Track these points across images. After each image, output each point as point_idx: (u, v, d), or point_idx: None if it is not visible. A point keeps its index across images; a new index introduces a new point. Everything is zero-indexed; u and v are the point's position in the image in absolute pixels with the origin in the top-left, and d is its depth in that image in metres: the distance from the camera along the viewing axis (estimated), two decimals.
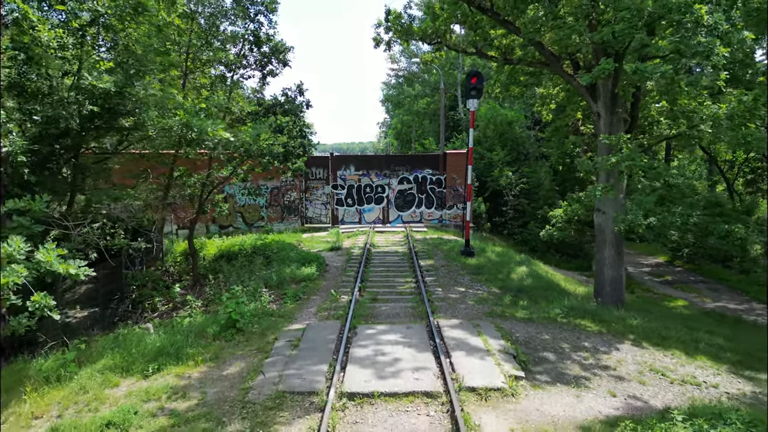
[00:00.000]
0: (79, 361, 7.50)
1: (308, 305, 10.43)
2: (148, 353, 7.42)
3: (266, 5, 14.37)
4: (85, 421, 5.69)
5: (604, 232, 12.47)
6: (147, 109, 9.39)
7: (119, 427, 5.53)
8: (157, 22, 9.57)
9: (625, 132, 12.19)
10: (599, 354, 7.93)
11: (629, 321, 9.68)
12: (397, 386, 6.20)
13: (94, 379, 6.78)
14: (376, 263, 14.31)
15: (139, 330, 8.89)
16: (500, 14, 12.93)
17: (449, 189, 21.55)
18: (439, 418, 5.62)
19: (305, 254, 14.82)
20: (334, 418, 5.52)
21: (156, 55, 9.83)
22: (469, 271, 13.66)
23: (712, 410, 5.60)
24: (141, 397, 6.24)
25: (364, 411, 5.76)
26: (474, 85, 14.82)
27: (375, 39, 16.52)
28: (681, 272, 22.41)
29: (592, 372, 7.24)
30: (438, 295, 10.99)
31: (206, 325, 8.78)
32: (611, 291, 12.52)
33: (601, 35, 9.87)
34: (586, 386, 6.75)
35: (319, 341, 7.85)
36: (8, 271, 5.96)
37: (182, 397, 6.24)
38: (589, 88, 12.12)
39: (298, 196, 21.21)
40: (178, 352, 7.49)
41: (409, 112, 37.69)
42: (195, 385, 6.59)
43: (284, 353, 7.45)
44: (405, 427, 5.42)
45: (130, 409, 5.81)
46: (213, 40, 14.04)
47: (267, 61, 14.41)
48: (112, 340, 8.15)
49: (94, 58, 9.47)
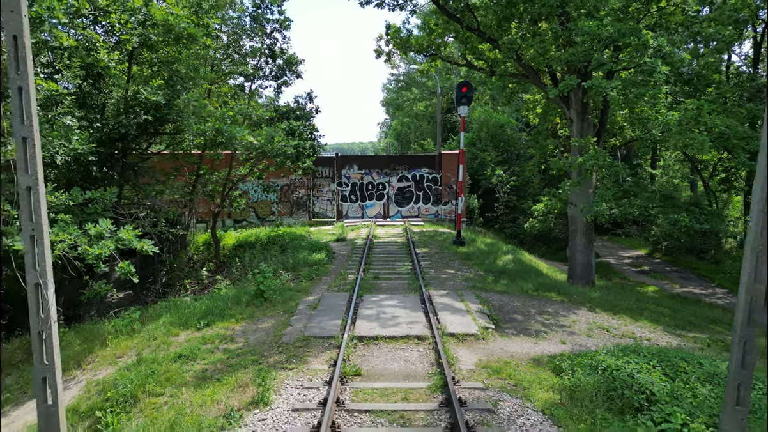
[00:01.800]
0: (141, 320, 9.41)
1: (320, 283, 12.33)
2: (197, 313, 9.33)
3: (281, 23, 16.29)
4: (161, 355, 7.58)
5: (576, 223, 14.36)
6: (188, 117, 11.29)
7: (188, 358, 7.42)
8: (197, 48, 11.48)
9: (595, 135, 14.10)
10: (558, 316, 9.82)
11: (589, 294, 11.58)
12: (395, 332, 8.10)
13: (158, 330, 8.69)
14: (378, 251, 16.20)
15: (185, 299, 10.79)
16: (485, 33, 14.82)
17: (444, 186, 23.44)
18: (426, 351, 7.51)
19: (315, 243, 16.71)
20: (348, 351, 7.41)
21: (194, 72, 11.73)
22: (460, 257, 15.55)
23: (632, 348, 7.49)
24: (198, 341, 8.13)
25: (370, 348, 7.66)
26: (464, 93, 16.69)
27: (376, 51, 18.44)
28: (658, 263, 24.28)
29: (550, 328, 9.12)
30: (431, 275, 12.89)
31: (239, 295, 10.68)
32: (582, 273, 14.43)
33: (567, 55, 11.77)
34: (543, 337, 8.63)
35: (332, 305, 9.75)
36: (101, 244, 7.88)
37: (231, 341, 8.14)
38: (563, 98, 14.00)
39: (306, 193, 23.11)
40: (221, 312, 9.40)
41: (409, 115, 39.62)
42: (238, 334, 8.49)
43: (305, 313, 9.35)
44: (401, 357, 7.32)
45: (194, 348, 7.71)
46: (234, 54, 15.95)
47: (282, 73, 16.31)
48: (165, 306, 10.07)
49: (146, 76, 11.38)
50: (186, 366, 7.20)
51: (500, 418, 5.67)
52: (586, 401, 5.91)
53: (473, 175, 26.44)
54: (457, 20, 14.98)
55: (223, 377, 6.72)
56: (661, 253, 25.89)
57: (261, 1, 15.99)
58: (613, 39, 11.20)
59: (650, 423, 5.40)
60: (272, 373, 6.63)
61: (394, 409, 5.80)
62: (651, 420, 5.47)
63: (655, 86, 10.53)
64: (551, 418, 5.72)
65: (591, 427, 5.39)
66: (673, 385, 6.39)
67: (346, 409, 5.80)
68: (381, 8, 15.85)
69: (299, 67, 16.56)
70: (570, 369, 6.84)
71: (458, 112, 17.33)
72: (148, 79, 11.87)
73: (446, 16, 15.23)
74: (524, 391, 6.36)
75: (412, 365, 7.05)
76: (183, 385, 6.61)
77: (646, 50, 10.83)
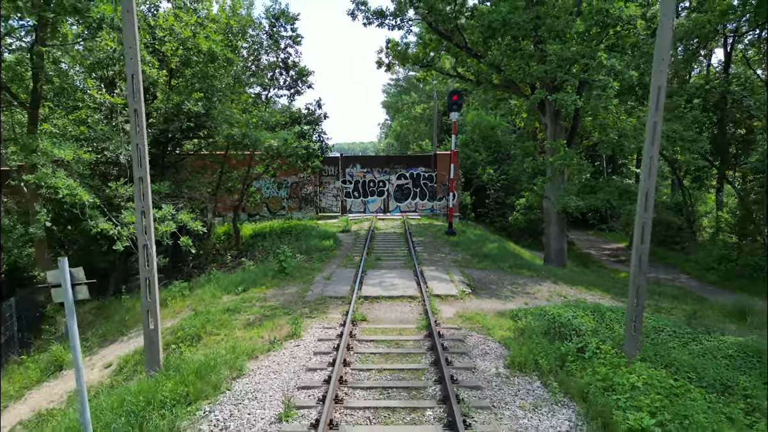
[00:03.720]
0: (190, 288, 11.68)
1: (331, 263, 14.59)
2: (234, 282, 11.61)
3: (293, 39, 18.55)
4: (212, 310, 9.85)
5: (550, 214, 16.64)
6: (220, 123, 13.56)
7: (234, 311, 9.69)
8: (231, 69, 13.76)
9: (567, 138, 16.37)
10: (526, 286, 12.09)
11: (556, 271, 13.84)
12: (393, 293, 10.38)
13: (205, 294, 10.96)
14: (379, 239, 18.46)
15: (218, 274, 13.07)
16: (473, 49, 17.08)
17: (439, 184, 25.72)
18: (416, 306, 9.79)
19: (324, 233, 18.98)
20: (356, 306, 9.68)
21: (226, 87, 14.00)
22: (450, 244, 17.80)
23: (574, 304, 9.75)
24: (239, 301, 10.40)
25: (373, 304, 9.93)
26: (455, 101, 18.93)
27: (378, 62, 20.75)
28: None
29: (517, 294, 11.39)
30: (424, 257, 15.15)
31: (265, 271, 12.95)
32: (556, 257, 16.71)
33: (538, 71, 14.04)
34: (510, 299, 10.90)
35: (342, 277, 12.02)
36: (167, 223, 10.16)
37: (264, 300, 10.41)
38: (539, 106, 16.26)
39: (313, 190, 25.39)
40: (253, 282, 11.67)
41: (407, 117, 41.92)
42: (270, 296, 10.76)
43: (321, 283, 11.62)
44: (397, 310, 9.59)
45: (237, 305, 9.99)
46: (253, 66, 18.22)
47: (294, 83, 18.57)
48: (205, 278, 12.34)
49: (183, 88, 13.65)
50: (233, 316, 9.48)
51: (467, 345, 7.94)
52: (531, 335, 8.17)
53: (466, 173, 28.70)
54: (448, 38, 17.25)
55: (263, 323, 8.99)
56: None
57: (276, 20, 18.25)
58: (574, 59, 13.46)
59: (571, 345, 7.67)
60: (300, 320, 8.91)
61: (391, 339, 8.07)
62: (573, 344, 7.74)
63: (607, 99, 12.78)
64: (504, 345, 7.99)
65: (529, 348, 7.64)
66: (596, 325, 8.68)
67: (357, 339, 8.07)
68: (381, 27, 18.12)
69: (309, 78, 18.81)
70: (523, 317, 9.12)
71: (450, 117, 19.59)
72: (183, 90, 14.10)
73: (438, 34, 17.49)
74: (487, 330, 8.63)
75: (405, 314, 9.34)
76: (234, 328, 8.89)
77: (600, 69, 13.10)
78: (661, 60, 6.77)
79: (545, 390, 6.58)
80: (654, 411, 5.85)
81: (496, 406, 6.08)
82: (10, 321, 11.17)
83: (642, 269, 7.66)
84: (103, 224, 9.93)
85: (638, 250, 7.57)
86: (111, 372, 8.55)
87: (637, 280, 7.66)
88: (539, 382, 6.81)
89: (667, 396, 6.34)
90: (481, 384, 6.59)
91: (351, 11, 17.62)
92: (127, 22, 6.94)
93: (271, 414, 5.85)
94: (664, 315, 10.53)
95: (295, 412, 5.83)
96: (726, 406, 6.47)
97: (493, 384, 6.66)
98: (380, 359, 7.34)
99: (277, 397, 6.24)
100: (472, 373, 6.95)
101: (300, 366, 7.14)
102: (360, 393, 6.31)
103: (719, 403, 6.56)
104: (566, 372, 6.97)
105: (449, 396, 5.88)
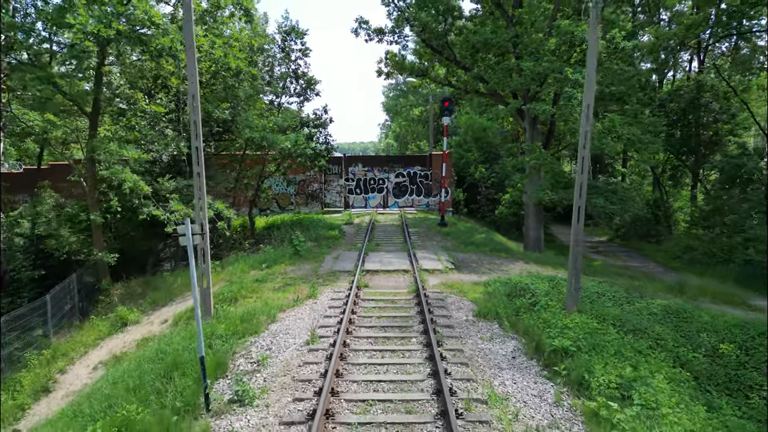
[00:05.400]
0: (221, 265, 14.03)
1: (337, 248, 16.93)
2: (258, 261, 13.96)
3: (302, 51, 20.86)
4: (244, 280, 12.20)
5: (528, 207, 18.99)
6: (243, 128, 15.89)
7: (262, 281, 12.04)
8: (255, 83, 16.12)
9: (545, 141, 18.70)
10: (502, 265, 14.43)
11: (529, 254, 16.18)
12: (389, 268, 12.73)
13: (235, 270, 13.32)
14: (379, 230, 20.81)
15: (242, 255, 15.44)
16: (461, 62, 19.42)
17: (434, 181, 28.06)
18: (408, 277, 12.14)
19: (329, 224, 21.33)
20: (360, 277, 12.03)
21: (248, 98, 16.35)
22: (442, 234, 20.14)
23: (535, 275, 12.08)
24: (265, 274, 12.75)
25: (373, 276, 12.29)
26: (447, 107, 21.26)
27: (378, 71, 23.07)
28: (614, 246, 28.87)
29: (494, 270, 13.72)
30: (417, 244, 17.49)
31: (282, 253, 15.31)
32: (533, 245, 19.05)
33: (515, 84, 16.36)
34: (486, 274, 13.23)
35: (348, 257, 14.37)
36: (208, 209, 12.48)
37: (285, 274, 12.76)
38: (518, 112, 18.59)
39: (318, 187, 27.74)
40: (274, 261, 14.03)
41: (406, 119, 44.28)
42: (289, 271, 13.11)
43: (330, 261, 13.98)
44: (392, 279, 11.94)
45: (264, 276, 12.34)
46: (267, 76, 20.56)
47: (303, 92, 20.90)
48: (234, 258, 14.69)
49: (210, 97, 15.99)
50: (261, 285, 11.83)
51: (446, 302, 10.28)
52: (497, 295, 10.52)
53: (459, 172, 31.01)
54: (439, 52, 19.59)
55: (287, 288, 11.35)
56: (620, 238, 30.49)
57: (287, 35, 20.59)
58: (546, 73, 15.80)
59: (525, 300, 10.02)
60: (316, 286, 11.27)
61: (388, 298, 10.42)
62: (526, 300, 10.08)
63: (572, 108, 15.11)
64: (474, 303, 10.33)
65: (493, 304, 9.97)
66: (550, 289, 11.02)
67: (361, 299, 10.42)
68: (381, 43, 20.44)
69: (317, 86, 21.15)
70: (493, 284, 11.47)
71: (442, 122, 21.92)
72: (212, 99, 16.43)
73: (431, 49, 19.83)
74: (463, 293, 10.98)
75: (399, 282, 11.69)
76: (263, 292, 11.24)
77: (567, 82, 15.43)
78: (589, 84, 9.13)
79: (501, 329, 8.94)
80: (575, 340, 8.17)
81: (463, 337, 8.43)
82: (72, 293, 13.49)
83: (578, 242, 9.98)
84: (155, 211, 12.23)
85: (575, 228, 9.91)
86: (168, 325, 10.91)
87: (574, 251, 9.99)
88: (497, 324, 9.16)
89: (589, 333, 8.66)
90: (453, 325, 8.94)
91: (354, 29, 19.97)
92: (190, 56, 9.29)
93: (300, 341, 8.20)
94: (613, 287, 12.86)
95: (318, 339, 8.18)
96: (636, 342, 8.81)
97: (462, 325, 9.01)
98: (379, 310, 9.69)
99: (303, 333, 8.59)
100: (447, 319, 9.30)
101: (319, 315, 9.50)
102: (364, 329, 8.66)
103: (632, 340, 8.89)
104: (518, 319, 9.31)
105: (428, 329, 8.22)
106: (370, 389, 6.47)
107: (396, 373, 6.94)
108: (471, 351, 7.87)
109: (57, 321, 12.29)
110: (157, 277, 14.91)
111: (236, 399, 6.28)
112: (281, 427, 5.60)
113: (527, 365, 7.50)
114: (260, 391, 6.49)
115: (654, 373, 7.38)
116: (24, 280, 13.47)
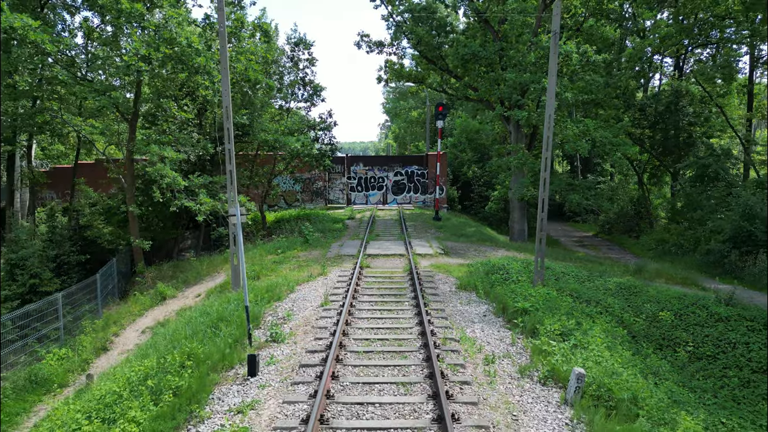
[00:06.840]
0: None
1: (342, 238, 19.04)
2: (274, 247, 16.06)
3: (309, 61, 22.96)
4: (263, 262, 14.30)
5: (513, 202, 21.08)
6: (258, 132, 17.97)
7: (279, 263, 14.14)
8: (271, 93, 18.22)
9: (529, 143, 20.78)
10: (486, 252, 16.53)
11: (511, 244, 18.28)
12: (388, 252, 14.85)
13: (255, 255, 15.42)
14: (379, 224, 22.91)
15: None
16: (453, 72, 21.51)
17: (430, 180, 30.16)
18: (403, 260, 14.25)
19: (334, 218, 23.44)
20: (362, 260, 14.13)
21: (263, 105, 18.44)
22: (435, 227, 22.25)
23: (512, 258, 14.18)
24: (281, 258, 14.85)
25: (374, 259, 14.39)
26: (441, 112, 23.37)
27: (378, 78, 25.17)
28: (598, 240, 30.97)
29: (478, 256, 15.81)
30: (413, 235, 19.61)
31: (293, 242, 17.41)
32: (518, 236, 21.15)
33: (499, 92, 18.45)
34: (471, 258, 15.32)
35: (352, 245, 16.48)
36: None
37: (298, 258, 14.87)
38: (504, 117, 20.67)
39: (322, 185, 29.85)
40: (288, 247, 16.14)
41: (405, 121, 46.40)
42: (301, 256, 15.21)
43: (336, 248, 16.08)
44: (390, 262, 14.04)
45: (280, 259, 14.45)
46: (277, 83, 22.65)
47: (310, 98, 23.00)
48: (251, 246, 16.79)
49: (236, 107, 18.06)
50: (279, 266, 13.94)
51: (434, 279, 12.38)
52: (476, 273, 12.61)
53: (454, 171, 33.11)
54: (434, 63, 21.70)
55: (301, 268, 13.45)
56: (604, 233, 32.59)
57: (296, 45, 22.68)
58: (527, 83, 17.89)
59: (499, 275, 12.12)
60: (326, 266, 13.37)
61: (386, 276, 12.53)
62: (500, 275, 12.18)
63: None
64: (457, 279, 12.43)
65: (472, 278, 12.05)
66: (522, 268, 13.12)
67: (363, 276, 12.53)
68: (380, 54, 22.53)
69: (322, 93, 23.25)
70: (474, 265, 13.56)
71: (437, 125, 24.02)
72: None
73: (426, 60, 21.93)
74: (449, 272, 13.07)
75: (395, 264, 13.80)
76: (281, 270, 13.33)
77: (544, 92, 17.49)
78: (550, 100, 11.24)
79: (477, 297, 11.04)
80: (534, 303, 10.26)
81: (445, 302, 10.54)
82: (113, 275, 15.59)
83: (543, 228, 12.05)
84: (187, 203, 14.31)
85: (540, 216, 11.99)
86: (201, 298, 13.01)
87: (539, 235, 12.06)
88: (474, 294, 11.27)
89: (548, 300, 10.74)
90: (438, 294, 11.05)
91: (357, 42, 22.07)
92: (224, 75, 11.39)
93: (315, 304, 10.31)
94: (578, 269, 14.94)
95: (330, 302, 10.28)
96: (587, 308, 10.89)
97: (446, 294, 11.12)
98: (378, 283, 11.80)
99: (318, 298, 10.69)
100: (434, 290, 11.41)
101: (329, 287, 11.60)
102: (366, 296, 10.77)
103: (584, 306, 10.97)
104: (492, 289, 11.40)
105: (418, 296, 10.32)
106: (371, 333, 8.58)
107: (391, 322, 9.05)
108: (451, 311, 9.98)
109: (103, 297, 14.39)
110: (184, 261, 17.03)
111: (271, 339, 8.39)
112: (308, 354, 7.71)
113: (494, 321, 9.60)
114: (289, 335, 8.60)
115: (593, 327, 9.48)
116: (72, 263, 15.58)
